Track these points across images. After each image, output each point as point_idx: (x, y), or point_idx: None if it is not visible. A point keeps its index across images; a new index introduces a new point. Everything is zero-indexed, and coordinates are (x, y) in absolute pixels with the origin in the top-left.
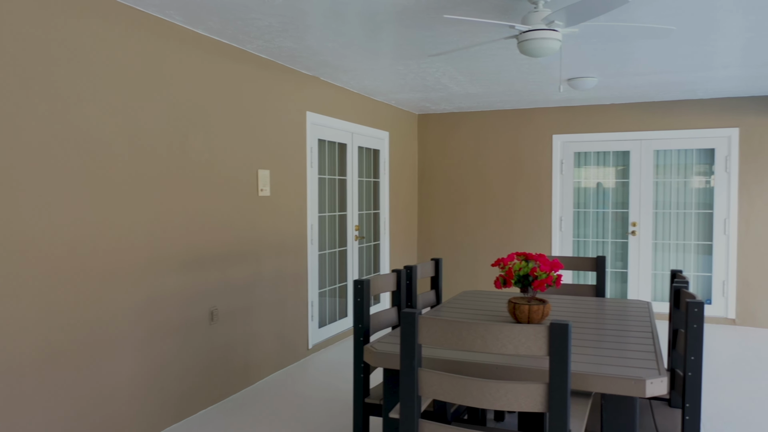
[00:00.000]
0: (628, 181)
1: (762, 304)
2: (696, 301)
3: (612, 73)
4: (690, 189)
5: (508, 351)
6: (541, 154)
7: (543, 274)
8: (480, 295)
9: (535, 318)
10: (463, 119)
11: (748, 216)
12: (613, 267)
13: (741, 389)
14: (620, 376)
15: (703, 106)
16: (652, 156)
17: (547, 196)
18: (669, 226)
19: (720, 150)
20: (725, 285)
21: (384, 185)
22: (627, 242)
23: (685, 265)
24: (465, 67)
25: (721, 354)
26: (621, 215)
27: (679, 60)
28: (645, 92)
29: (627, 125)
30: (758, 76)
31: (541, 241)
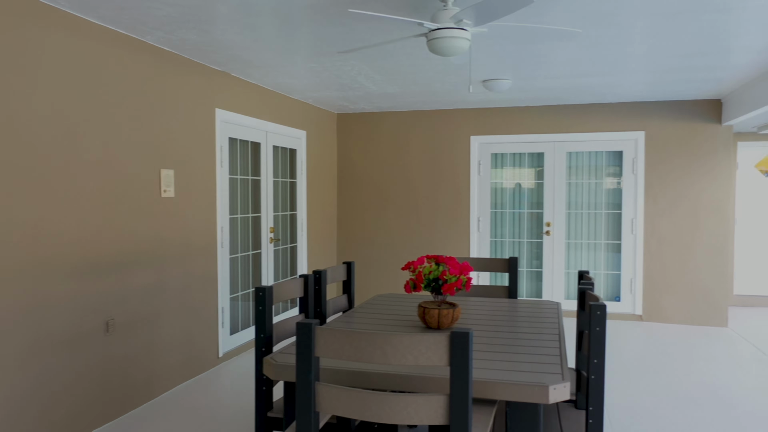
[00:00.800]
0: (543, 182)
1: (666, 300)
2: (598, 304)
3: (525, 75)
4: (601, 190)
5: (408, 362)
6: (460, 154)
7: (453, 277)
8: (393, 299)
9: (445, 322)
10: (382, 119)
11: (653, 216)
12: (529, 266)
13: (647, 384)
14: (524, 382)
15: (612, 110)
16: (565, 158)
17: (466, 197)
18: (581, 226)
19: (628, 152)
20: (633, 282)
21: (301, 186)
22: (542, 242)
23: (596, 263)
24: (380, 65)
25: (629, 350)
26: (536, 215)
27: (589, 64)
28: (558, 95)
29: (541, 127)
30: (661, 81)
31: (460, 242)
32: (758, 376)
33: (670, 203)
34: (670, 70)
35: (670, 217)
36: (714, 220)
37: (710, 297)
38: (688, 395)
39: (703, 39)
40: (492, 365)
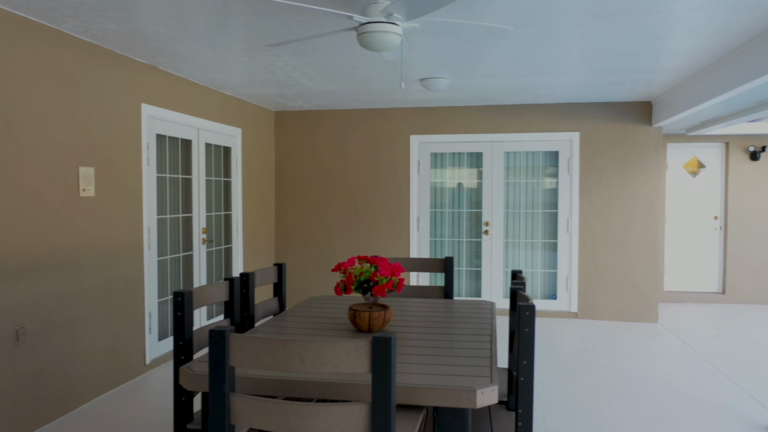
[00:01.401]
0: (482, 182)
1: (600, 297)
2: (527, 305)
3: (463, 74)
4: (538, 189)
5: (328, 369)
6: (400, 154)
7: (384, 278)
8: (326, 302)
9: (376, 325)
10: (322, 117)
11: (588, 215)
12: (468, 266)
13: (581, 381)
14: (451, 387)
15: (548, 110)
16: (503, 158)
17: (406, 197)
18: (519, 226)
19: (563, 153)
20: (568, 281)
21: (237, 185)
22: (481, 241)
23: (533, 262)
24: (315, 62)
25: (565, 347)
26: (475, 215)
27: (524, 64)
28: (495, 95)
29: (480, 127)
30: (594, 82)
31: (400, 242)
32: (685, 370)
33: (604, 202)
34: (602, 72)
35: (604, 216)
36: (645, 219)
37: (642, 294)
38: (619, 391)
39: (632, 41)
40: (420, 369)
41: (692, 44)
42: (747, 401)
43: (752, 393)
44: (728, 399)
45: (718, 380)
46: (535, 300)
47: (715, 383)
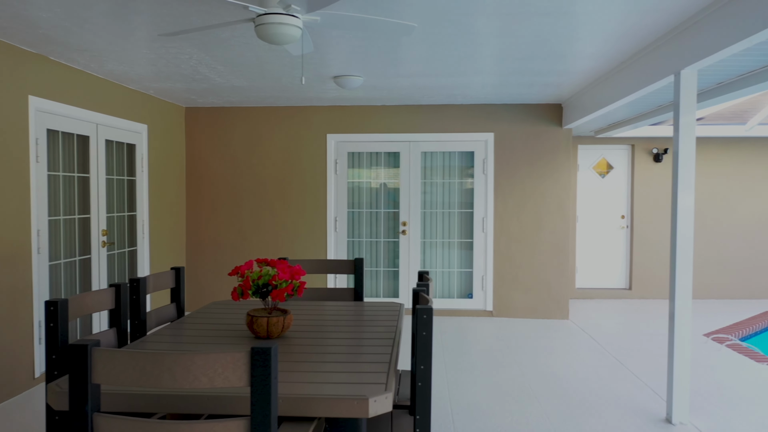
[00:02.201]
0: (399, 182)
1: (514, 296)
2: (425, 308)
3: (377, 73)
4: (454, 189)
5: (202, 384)
6: (316, 153)
7: (283, 282)
8: (228, 307)
9: (275, 331)
10: (235, 114)
11: (503, 215)
12: (386, 266)
13: (491, 380)
14: (342, 396)
15: (463, 111)
16: (420, 157)
17: (323, 197)
18: (436, 225)
19: (478, 153)
20: (484, 280)
21: (142, 184)
22: (398, 241)
23: (450, 262)
24: (221, 56)
25: (478, 346)
26: (392, 215)
27: (438, 64)
28: (411, 95)
29: (397, 127)
30: (506, 84)
31: (317, 243)
32: (592, 365)
33: (517, 202)
34: (513, 73)
35: (518, 216)
36: (556, 219)
37: (553, 291)
38: (528, 388)
39: (539, 43)
40: (313, 378)
41: (597, 48)
42: (647, 394)
43: (652, 386)
44: (630, 392)
45: (622, 374)
46: (452, 299)
47: (619, 378)
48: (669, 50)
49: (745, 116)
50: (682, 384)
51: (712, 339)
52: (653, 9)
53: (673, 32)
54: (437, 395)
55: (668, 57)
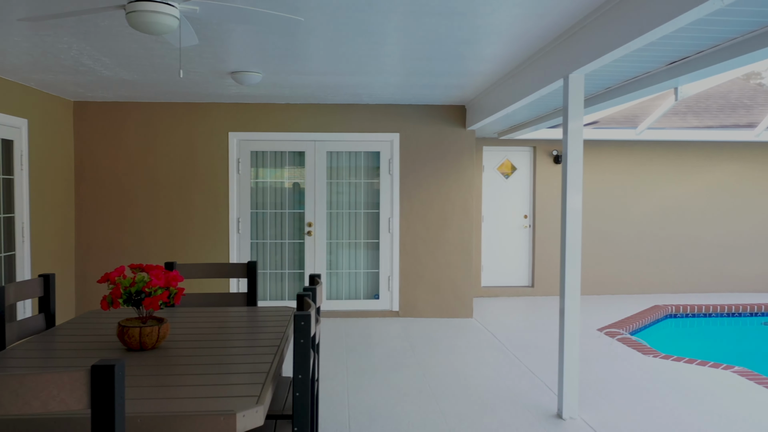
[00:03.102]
0: (304, 182)
1: (420, 295)
2: (302, 314)
3: (276, 69)
4: (360, 190)
5: (34, 409)
6: (218, 152)
7: (158, 289)
8: (103, 316)
9: (149, 342)
10: (129, 110)
11: (408, 215)
12: (291, 268)
13: (392, 382)
14: (208, 412)
15: (369, 111)
16: (326, 157)
17: (224, 197)
18: (342, 226)
19: (384, 153)
20: (390, 280)
21: (22, 183)
22: (303, 243)
23: (357, 262)
24: (104, 46)
25: (382, 347)
26: (298, 215)
27: (339, 62)
28: (316, 93)
29: (302, 126)
30: (410, 84)
31: (219, 245)
32: (491, 363)
33: (423, 203)
34: (415, 73)
35: (423, 216)
36: (461, 219)
37: (458, 290)
38: (428, 388)
39: (436, 44)
40: (179, 393)
41: (494, 51)
42: (542, 390)
43: (547, 382)
44: (526, 389)
45: (520, 371)
46: (358, 300)
47: (516, 375)
48: (559, 54)
49: (636, 120)
50: (571, 379)
51: (604, 333)
52: (546, 13)
53: (563, 37)
54: (336, 399)
55: (558, 61)
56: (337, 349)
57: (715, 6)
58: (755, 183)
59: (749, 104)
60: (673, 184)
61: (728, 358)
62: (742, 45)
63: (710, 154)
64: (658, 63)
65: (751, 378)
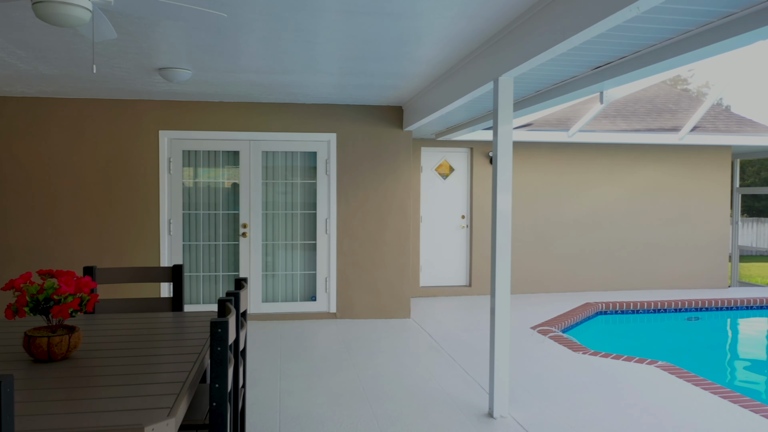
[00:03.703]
0: (239, 182)
1: (358, 297)
2: (218, 321)
3: (207, 67)
4: (296, 190)
5: None
6: (147, 151)
7: (68, 296)
8: (10, 326)
9: (58, 352)
10: (51, 106)
11: (345, 216)
12: (225, 270)
13: (326, 385)
14: (114, 427)
15: (305, 110)
16: (261, 157)
17: (155, 198)
18: (278, 227)
19: (321, 154)
20: (327, 281)
21: None
22: (238, 244)
23: (293, 264)
24: (18, 38)
25: (318, 350)
26: (232, 217)
27: (272, 60)
28: (250, 92)
29: (237, 125)
30: (346, 84)
31: (149, 247)
32: (426, 364)
33: (361, 203)
34: (349, 73)
35: (360, 217)
36: (398, 219)
37: (396, 291)
38: (361, 392)
39: (368, 44)
40: (86, 406)
41: (426, 52)
42: (474, 390)
43: (480, 382)
44: (460, 389)
45: (454, 371)
46: (295, 302)
47: (450, 375)
48: (489, 58)
49: (568, 123)
50: (502, 378)
51: (537, 331)
52: (475, 15)
53: (493, 40)
54: (267, 406)
55: (489, 64)
56: (271, 353)
57: (632, 13)
58: (679, 184)
59: (674, 109)
60: (603, 185)
61: (655, 352)
62: (660, 51)
63: (638, 157)
64: (584, 67)
65: (673, 372)
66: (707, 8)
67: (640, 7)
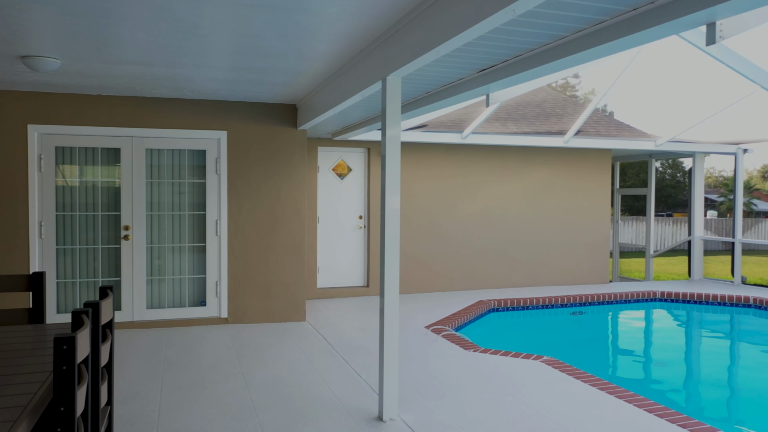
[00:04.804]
0: (120, 181)
1: (251, 300)
2: (64, 337)
3: (79, 56)
4: (184, 190)
5: None
6: (14, 147)
7: None
8: None
9: None
10: None
11: (237, 217)
12: (105, 276)
13: (211, 396)
14: None
15: (193, 106)
16: (145, 155)
17: (23, 198)
18: (164, 229)
19: (211, 152)
20: (218, 285)
21: None
22: (120, 248)
23: (181, 268)
24: None
25: (205, 358)
26: (113, 218)
27: (152, 52)
28: (132, 85)
29: (118, 120)
30: (236, 80)
31: (16, 252)
32: (319, 368)
33: (253, 204)
34: (239, 69)
35: (254, 218)
36: (292, 220)
37: (290, 294)
38: (249, 400)
39: (257, 39)
40: None
41: (316, 48)
42: (366, 393)
43: (372, 385)
44: (351, 393)
45: (347, 375)
46: (183, 308)
47: (343, 379)
48: (378, 57)
49: (462, 125)
50: (391, 380)
51: (431, 330)
52: (359, 12)
53: (381, 39)
54: (143, 422)
55: (377, 63)
56: (153, 364)
57: (509, 16)
58: (565, 186)
59: (561, 113)
60: (496, 185)
61: (542, 347)
62: (540, 56)
63: (528, 159)
64: (470, 70)
65: (557, 367)
66: (580, 15)
67: (516, 10)
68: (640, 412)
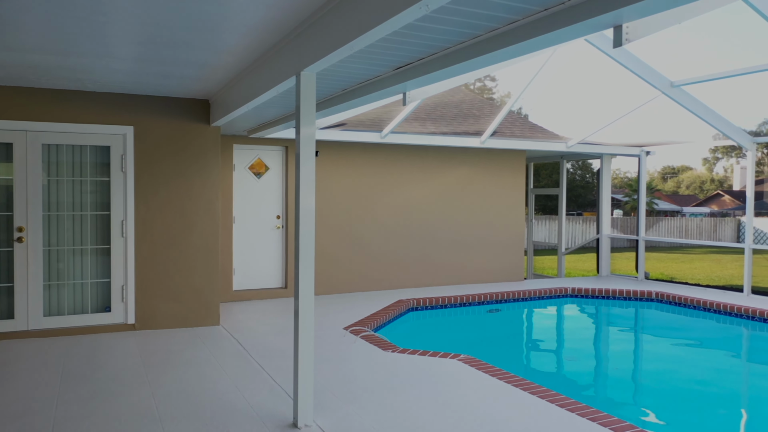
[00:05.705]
0: (12, 179)
1: (160, 305)
2: None
3: None
4: (86, 189)
5: None
6: None
7: None
8: None
9: None
10: None
11: (145, 217)
12: None
13: (112, 409)
14: None
15: (96, 99)
16: (41, 151)
17: None
18: (64, 231)
19: (116, 148)
20: (124, 290)
21: None
22: (13, 251)
23: (83, 271)
24: None
25: (109, 368)
26: (5, 219)
27: (46, 39)
28: (25, 75)
29: (9, 113)
30: (142, 72)
31: None
32: (232, 375)
33: (163, 203)
34: (144, 60)
35: (163, 218)
36: (205, 220)
37: (203, 297)
38: (155, 412)
39: (160, 28)
40: None
41: (227, 41)
42: (281, 399)
43: (287, 390)
44: (266, 399)
45: (261, 381)
46: (85, 315)
47: (257, 385)
48: (292, 51)
49: (381, 124)
50: (306, 384)
51: (350, 331)
52: (272, 4)
53: (295, 32)
54: None
55: (291, 58)
56: (48, 376)
57: (422, 11)
58: (482, 185)
59: (478, 114)
60: (415, 185)
61: (460, 345)
62: (455, 55)
63: (446, 159)
64: (387, 67)
65: (473, 365)
66: (493, 13)
67: (429, 5)
68: (552, 407)
